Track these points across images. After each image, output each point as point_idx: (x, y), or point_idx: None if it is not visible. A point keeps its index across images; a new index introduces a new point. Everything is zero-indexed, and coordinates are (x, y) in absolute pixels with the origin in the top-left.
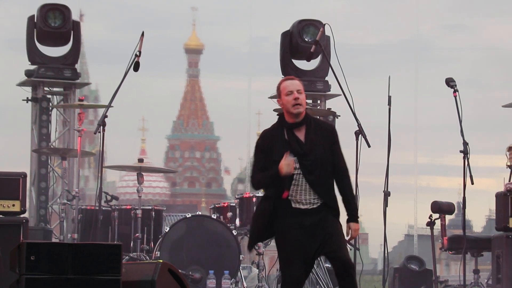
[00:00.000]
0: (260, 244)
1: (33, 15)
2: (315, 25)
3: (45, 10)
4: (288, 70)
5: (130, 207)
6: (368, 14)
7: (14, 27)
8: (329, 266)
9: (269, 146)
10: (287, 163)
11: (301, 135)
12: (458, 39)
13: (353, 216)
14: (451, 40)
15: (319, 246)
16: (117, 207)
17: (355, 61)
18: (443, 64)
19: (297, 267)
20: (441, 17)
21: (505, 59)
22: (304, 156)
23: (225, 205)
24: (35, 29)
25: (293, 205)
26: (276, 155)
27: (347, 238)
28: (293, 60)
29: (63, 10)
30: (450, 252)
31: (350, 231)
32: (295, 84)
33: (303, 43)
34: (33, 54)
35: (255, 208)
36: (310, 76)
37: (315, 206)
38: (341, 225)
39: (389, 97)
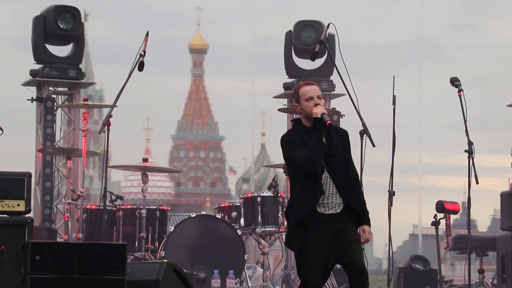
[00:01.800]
0: (264, 243)
1: (41, 15)
2: (313, 25)
3: (57, 12)
4: (291, 70)
5: (134, 206)
6: (373, 14)
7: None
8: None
9: (299, 138)
10: (317, 107)
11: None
12: (463, 38)
13: (366, 220)
14: (456, 40)
15: (337, 253)
16: (121, 207)
17: (360, 61)
18: (447, 64)
19: (316, 274)
20: (446, 16)
21: (510, 59)
22: (330, 157)
23: (230, 204)
24: (43, 29)
25: (319, 210)
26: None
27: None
28: (297, 60)
29: (75, 13)
30: (455, 252)
31: (363, 234)
32: (315, 89)
33: (299, 45)
34: (40, 54)
35: (260, 209)
36: (314, 76)
37: (339, 210)
38: (359, 234)
39: (394, 97)
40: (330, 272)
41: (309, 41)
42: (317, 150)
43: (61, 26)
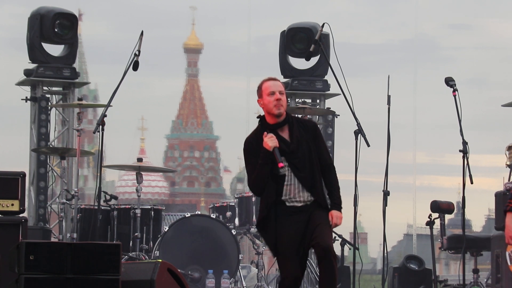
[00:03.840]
0: (259, 243)
1: (37, 14)
2: (304, 31)
3: (55, 18)
4: (286, 69)
5: (129, 206)
6: (369, 14)
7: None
8: None
9: (256, 150)
10: (269, 138)
11: (285, 134)
12: (459, 38)
13: (335, 205)
14: (452, 40)
15: (308, 239)
16: (116, 207)
17: (355, 61)
18: (443, 64)
19: (293, 264)
20: (441, 16)
21: (504, 59)
22: (292, 154)
23: (224, 204)
24: (40, 29)
25: (288, 204)
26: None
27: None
28: (291, 59)
29: (72, 20)
30: (449, 252)
31: (331, 218)
32: (277, 85)
33: (294, 49)
34: (35, 52)
35: (255, 209)
36: (309, 76)
37: (309, 203)
38: (328, 218)
39: (389, 97)
40: (306, 259)
41: (302, 47)
42: (260, 179)
43: (58, 33)
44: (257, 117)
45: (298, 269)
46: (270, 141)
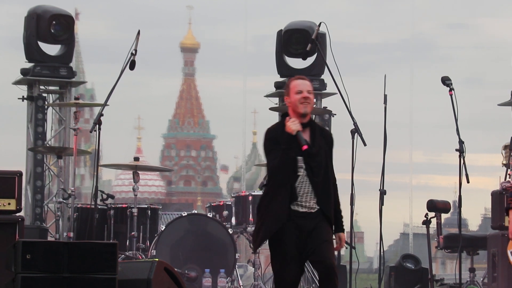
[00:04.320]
0: None
1: (33, 14)
2: (301, 33)
3: (51, 19)
4: (282, 69)
5: (126, 205)
6: (366, 13)
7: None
8: None
9: (280, 138)
10: (292, 122)
11: (307, 136)
12: (455, 38)
13: (341, 226)
14: (448, 39)
15: (309, 250)
16: (113, 206)
17: (351, 60)
18: (439, 63)
19: (293, 269)
20: (438, 16)
21: (501, 58)
22: (312, 157)
23: (221, 203)
24: (36, 28)
25: (293, 208)
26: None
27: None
28: (288, 59)
29: (69, 21)
30: (445, 251)
31: (339, 241)
32: (306, 84)
33: (291, 49)
34: (31, 51)
35: (251, 208)
36: (305, 75)
37: (312, 211)
38: (332, 234)
39: (385, 96)
40: (303, 269)
41: (299, 48)
42: (283, 166)
43: (54, 35)
44: (281, 115)
45: (298, 275)
46: (293, 124)
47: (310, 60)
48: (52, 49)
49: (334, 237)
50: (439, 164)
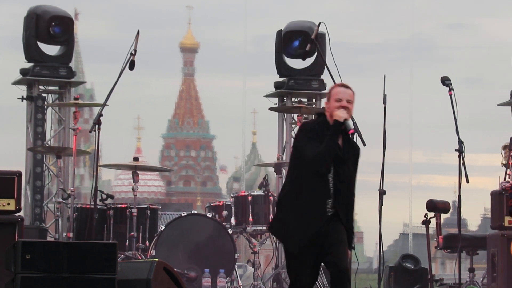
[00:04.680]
0: (255, 242)
1: (33, 14)
2: (300, 34)
3: (51, 21)
4: (282, 69)
5: (125, 205)
6: (365, 13)
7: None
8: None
9: (318, 130)
10: (341, 111)
11: (340, 143)
12: (455, 38)
13: (351, 244)
14: (448, 39)
15: (325, 251)
16: (112, 206)
17: (351, 60)
18: (439, 63)
19: (308, 272)
20: (438, 16)
21: (500, 58)
22: (341, 163)
23: (221, 203)
24: (35, 28)
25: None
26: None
27: None
28: (288, 59)
29: (68, 23)
30: (445, 251)
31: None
32: (347, 93)
33: (288, 55)
34: (31, 51)
35: (251, 208)
36: (305, 75)
37: (328, 214)
38: (346, 234)
39: (385, 96)
40: (319, 271)
41: (299, 49)
42: (329, 152)
43: (53, 35)
44: (316, 114)
45: (313, 278)
46: (342, 113)
47: (310, 60)
48: (51, 49)
49: None
50: (438, 164)
